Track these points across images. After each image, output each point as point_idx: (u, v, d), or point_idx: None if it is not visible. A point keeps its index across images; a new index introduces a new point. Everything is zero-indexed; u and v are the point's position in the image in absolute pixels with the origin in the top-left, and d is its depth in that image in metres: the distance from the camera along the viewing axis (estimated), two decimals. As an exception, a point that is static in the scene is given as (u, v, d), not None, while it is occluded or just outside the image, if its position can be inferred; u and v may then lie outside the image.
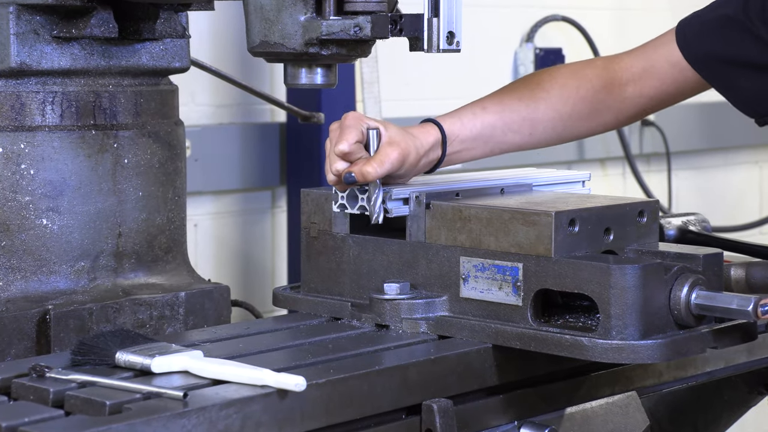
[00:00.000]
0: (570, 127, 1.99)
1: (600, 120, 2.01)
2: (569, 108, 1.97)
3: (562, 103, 1.97)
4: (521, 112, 1.95)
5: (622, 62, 2.01)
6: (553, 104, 1.97)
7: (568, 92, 1.98)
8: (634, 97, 2.00)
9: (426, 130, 1.87)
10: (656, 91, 1.99)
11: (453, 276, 1.73)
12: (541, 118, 1.96)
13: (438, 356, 1.63)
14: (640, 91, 1.99)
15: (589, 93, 1.99)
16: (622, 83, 1.99)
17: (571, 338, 1.62)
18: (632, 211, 1.76)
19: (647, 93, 1.99)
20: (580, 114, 1.99)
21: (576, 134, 2.03)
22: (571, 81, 1.99)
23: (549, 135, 1.98)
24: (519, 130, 1.95)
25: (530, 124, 1.95)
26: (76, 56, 1.90)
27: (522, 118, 1.95)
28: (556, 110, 1.97)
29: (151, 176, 1.95)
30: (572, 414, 1.76)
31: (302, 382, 1.45)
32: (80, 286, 1.88)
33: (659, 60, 1.99)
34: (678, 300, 1.63)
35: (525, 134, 1.96)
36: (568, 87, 1.98)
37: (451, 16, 1.72)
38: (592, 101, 1.99)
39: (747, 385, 2.23)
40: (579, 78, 2.00)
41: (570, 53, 3.48)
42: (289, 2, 1.73)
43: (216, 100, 2.82)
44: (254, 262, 2.89)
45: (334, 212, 1.83)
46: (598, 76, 2.00)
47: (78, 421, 1.36)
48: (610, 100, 2.00)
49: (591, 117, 2.00)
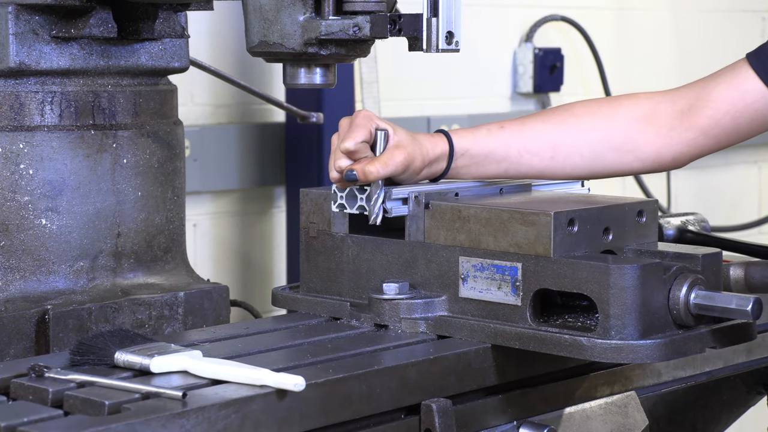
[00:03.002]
0: (599, 156, 1.87)
1: (637, 153, 1.87)
2: (598, 134, 1.87)
3: (591, 128, 1.88)
4: (543, 134, 1.87)
5: (670, 95, 1.89)
6: (581, 128, 1.88)
7: (600, 119, 1.89)
8: (683, 130, 1.86)
9: (435, 140, 1.83)
10: (713, 121, 1.84)
11: (452, 276, 1.73)
12: (566, 142, 1.87)
13: (437, 356, 1.63)
14: (692, 122, 1.86)
15: (626, 122, 1.88)
16: (670, 115, 1.87)
17: (570, 338, 1.62)
18: (631, 211, 1.76)
19: (701, 124, 1.86)
20: (611, 143, 1.87)
21: (607, 165, 1.89)
22: (605, 108, 1.90)
23: (574, 161, 1.88)
24: (538, 153, 1.87)
25: (552, 146, 1.87)
26: (75, 56, 1.90)
27: (543, 140, 1.87)
28: (583, 135, 1.87)
29: (150, 176, 1.95)
30: (571, 414, 1.76)
31: (301, 382, 1.45)
32: (79, 286, 1.88)
33: (723, 90, 1.85)
34: (677, 300, 1.63)
35: (545, 157, 1.87)
36: (601, 114, 1.89)
37: (450, 16, 1.71)
38: (627, 131, 1.87)
39: (746, 385, 2.24)
40: (615, 106, 1.90)
41: (569, 53, 3.48)
42: (288, 2, 1.73)
43: (215, 100, 2.82)
44: (253, 262, 2.89)
45: (333, 212, 1.83)
46: (638, 105, 1.89)
47: (77, 421, 1.36)
48: (651, 131, 1.87)
49: (625, 148, 1.88)
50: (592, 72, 3.54)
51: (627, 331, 1.59)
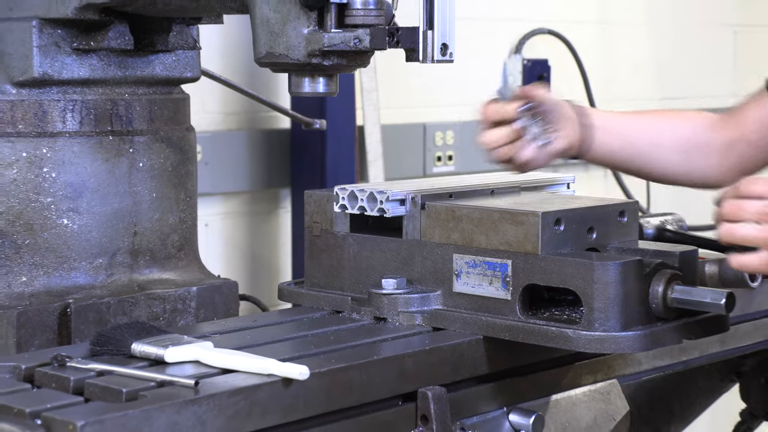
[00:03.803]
0: (689, 158, 1.99)
1: (705, 161, 1.99)
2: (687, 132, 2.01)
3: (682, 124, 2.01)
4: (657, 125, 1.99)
5: (737, 113, 2.00)
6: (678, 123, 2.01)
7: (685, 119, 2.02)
8: (743, 144, 1.99)
9: None
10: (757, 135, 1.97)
11: (446, 272, 1.73)
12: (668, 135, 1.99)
13: (432, 347, 1.63)
14: (750, 139, 1.98)
15: (698, 128, 2.00)
16: (731, 128, 1.98)
17: (556, 330, 1.62)
18: (613, 211, 1.76)
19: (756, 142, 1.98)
20: (691, 144, 1.99)
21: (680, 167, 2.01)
22: (690, 113, 2.04)
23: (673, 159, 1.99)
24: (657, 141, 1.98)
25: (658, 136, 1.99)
26: (94, 67, 1.90)
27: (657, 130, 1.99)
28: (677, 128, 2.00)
29: (164, 179, 1.95)
30: (557, 401, 1.76)
31: (305, 371, 1.45)
32: (98, 282, 1.88)
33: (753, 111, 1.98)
34: (656, 294, 1.63)
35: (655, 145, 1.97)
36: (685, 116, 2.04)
37: (445, 29, 1.71)
38: (700, 137, 1.99)
39: (719, 374, 2.24)
40: (692, 117, 2.03)
41: (555, 64, 3.48)
42: (293, 16, 1.72)
43: (225, 107, 2.81)
44: (261, 259, 2.89)
45: (335, 212, 1.82)
46: (709, 117, 2.01)
47: (96, 407, 1.36)
48: (717, 139, 1.99)
49: (695, 153, 2.00)
50: (576, 81, 3.54)
51: (609, 323, 1.59)
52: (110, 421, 1.30)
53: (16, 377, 1.47)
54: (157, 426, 1.33)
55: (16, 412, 1.32)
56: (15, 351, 1.74)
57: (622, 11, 3.70)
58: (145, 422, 1.32)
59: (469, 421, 1.63)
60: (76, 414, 1.31)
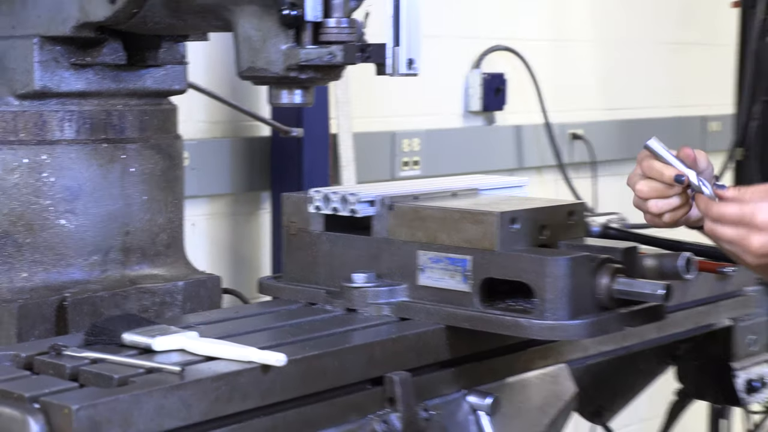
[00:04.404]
0: None
1: None
2: None
3: None
4: None
5: None
6: None
7: None
8: None
9: None
10: None
11: (412, 267, 1.72)
12: None
13: (398, 335, 1.63)
14: None
15: None
16: None
17: (511, 319, 1.62)
18: (563, 211, 1.76)
19: None
20: None
21: None
22: None
23: None
24: None
25: None
26: (90, 80, 1.88)
27: None
28: None
29: (154, 183, 1.93)
30: (512, 383, 1.76)
31: (283, 358, 1.44)
32: (93, 277, 1.86)
33: None
34: (601, 286, 1.63)
35: None
36: None
37: (411, 46, 1.71)
38: None
39: (657, 357, 2.25)
40: None
41: (511, 78, 3.49)
42: (272, 34, 1.71)
43: (210, 117, 2.80)
44: (243, 255, 2.87)
45: (310, 213, 1.82)
46: None
47: (90, 392, 1.35)
48: None
49: None
50: (531, 93, 3.54)
51: (559, 313, 1.59)
52: (102, 405, 1.29)
53: (17, 365, 1.46)
54: (146, 409, 1.32)
55: (16, 397, 1.31)
56: (16, 341, 1.73)
57: (572, 30, 3.71)
58: (135, 406, 1.31)
59: (432, 402, 1.63)
60: (72, 398, 1.30)
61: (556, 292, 1.59)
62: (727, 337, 2.18)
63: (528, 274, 1.61)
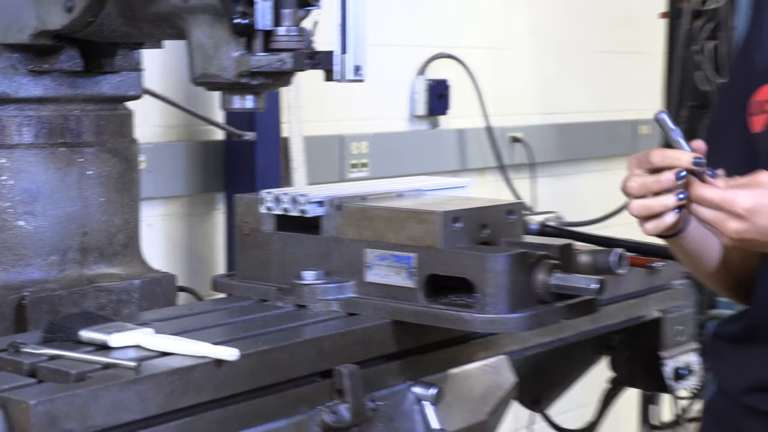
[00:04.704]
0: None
1: None
2: None
3: None
4: None
5: None
6: None
7: None
8: None
9: None
10: None
11: (359, 264, 1.72)
12: None
13: (347, 330, 1.62)
14: None
15: None
16: None
17: (454, 313, 1.62)
18: (503, 210, 1.77)
19: None
20: None
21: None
22: None
23: None
24: None
25: None
26: (48, 86, 1.86)
27: None
28: None
29: (110, 185, 1.91)
30: (455, 374, 1.76)
31: (235, 353, 1.43)
32: (52, 276, 1.84)
33: None
34: (539, 281, 1.64)
35: None
36: None
37: (357, 53, 1.71)
38: None
39: (591, 348, 2.26)
40: None
41: (454, 84, 3.50)
42: (224, 41, 1.70)
43: (166, 121, 2.78)
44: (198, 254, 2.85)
45: (262, 213, 1.81)
46: None
47: (48, 387, 1.33)
48: None
49: None
50: (473, 99, 3.56)
51: (499, 307, 1.60)
52: (60, 400, 1.27)
53: (-24, 362, 1.43)
54: (103, 404, 1.30)
55: (-25, 394, 1.29)
56: (-24, 339, 1.70)
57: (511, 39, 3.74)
58: (92, 400, 1.29)
59: (379, 393, 1.62)
60: (30, 394, 1.28)
61: (496, 287, 1.60)
62: (656, 328, 2.20)
63: (470, 270, 1.62)
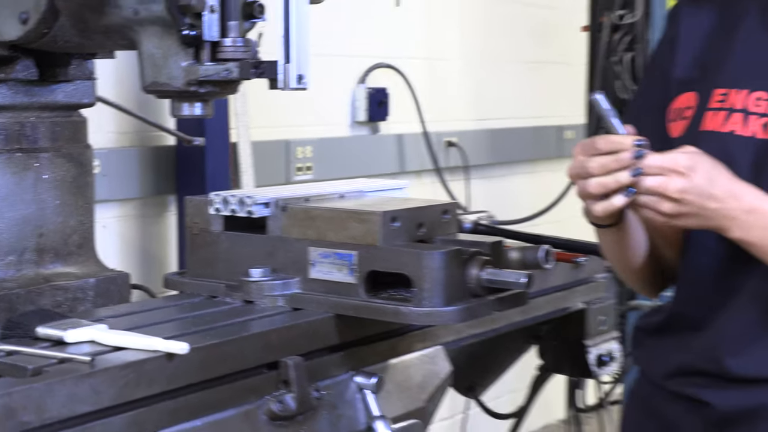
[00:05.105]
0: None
1: None
2: None
3: None
4: None
5: None
6: None
7: None
8: None
9: None
10: None
11: (303, 262, 1.71)
12: None
13: (292, 324, 1.62)
14: None
15: None
16: None
17: (393, 307, 1.62)
18: (439, 210, 1.77)
19: None
20: None
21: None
22: None
23: None
24: None
25: None
26: (4, 95, 1.82)
27: None
28: None
29: (65, 189, 1.88)
30: (395, 364, 1.76)
31: (185, 347, 1.41)
32: (9, 276, 1.80)
33: None
34: (472, 276, 1.64)
35: None
36: None
37: (300, 63, 1.70)
38: None
39: (521, 338, 2.28)
40: None
41: (393, 92, 3.51)
42: (173, 52, 1.68)
43: (119, 128, 2.74)
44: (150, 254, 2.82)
45: (211, 214, 1.79)
46: None
47: (5, 382, 1.30)
48: None
49: None
50: (410, 106, 3.57)
51: (435, 300, 1.60)
52: (17, 393, 1.25)
53: (-65, 359, 1.39)
54: (59, 397, 1.28)
55: (-66, 389, 1.26)
56: (-65, 336, 1.65)
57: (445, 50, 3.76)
58: (48, 394, 1.27)
59: (323, 383, 1.62)
60: (-13, 389, 1.25)
61: (432, 282, 1.60)
62: (581, 319, 2.22)
63: (407, 266, 1.62)
